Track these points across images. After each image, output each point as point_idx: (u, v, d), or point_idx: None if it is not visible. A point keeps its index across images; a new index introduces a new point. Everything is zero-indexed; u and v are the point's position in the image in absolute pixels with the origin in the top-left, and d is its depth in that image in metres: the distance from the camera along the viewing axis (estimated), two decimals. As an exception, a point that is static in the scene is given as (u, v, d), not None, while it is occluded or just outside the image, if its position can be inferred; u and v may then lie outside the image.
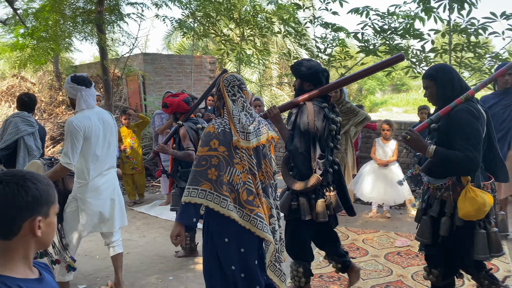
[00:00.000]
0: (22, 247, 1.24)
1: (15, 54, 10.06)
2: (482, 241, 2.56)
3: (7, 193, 1.19)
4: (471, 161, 2.47)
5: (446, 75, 2.70)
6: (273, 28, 8.42)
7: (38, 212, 1.23)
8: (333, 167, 3.29)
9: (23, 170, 1.28)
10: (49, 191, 1.27)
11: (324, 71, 3.26)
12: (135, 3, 7.26)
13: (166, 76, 10.72)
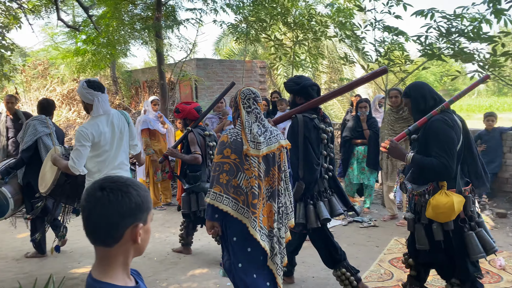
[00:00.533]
0: (122, 254, 1.22)
1: (75, 59, 10.51)
2: (474, 242, 2.74)
3: (111, 200, 1.17)
4: (445, 167, 2.71)
5: (418, 91, 3.02)
6: (327, 32, 8.27)
7: (139, 219, 1.21)
8: (328, 173, 3.56)
9: (123, 177, 1.26)
10: (148, 197, 1.25)
11: (314, 85, 3.55)
12: (193, 9, 7.38)
13: (217, 81, 10.82)
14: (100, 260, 1.22)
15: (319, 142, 3.45)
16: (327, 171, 3.54)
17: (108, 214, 1.17)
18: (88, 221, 1.20)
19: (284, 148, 2.91)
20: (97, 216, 1.18)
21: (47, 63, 13.15)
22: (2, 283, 4.01)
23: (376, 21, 6.34)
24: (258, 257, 2.82)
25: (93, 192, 1.19)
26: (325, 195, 3.49)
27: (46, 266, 4.47)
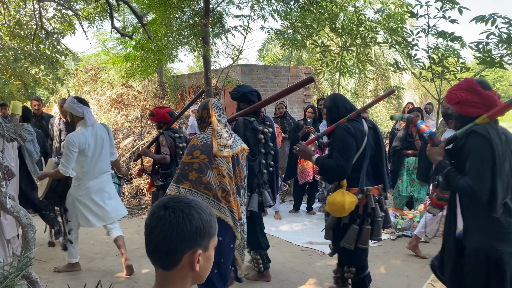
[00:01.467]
0: (180, 280, 1.16)
1: (125, 64, 10.82)
2: (351, 234, 3.23)
3: (171, 221, 1.12)
4: (339, 169, 3.15)
5: (332, 102, 3.48)
6: (376, 38, 8.03)
7: (199, 245, 1.14)
8: (268, 169, 4.00)
9: (189, 197, 1.19)
10: (211, 222, 1.18)
11: (253, 91, 4.05)
12: (241, 16, 7.39)
13: (262, 86, 10.79)
14: (158, 284, 1.17)
15: (256, 141, 3.90)
16: (267, 166, 4.00)
17: (168, 235, 1.12)
18: (149, 240, 1.15)
19: (244, 150, 3.31)
20: (157, 236, 1.13)
21: (98, 68, 13.64)
22: (52, 284, 4.11)
23: (429, 27, 6.06)
24: (229, 245, 3.15)
25: (157, 210, 1.15)
26: (263, 187, 3.95)
27: (93, 269, 4.55)
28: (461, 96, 2.51)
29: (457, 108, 2.56)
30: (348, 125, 3.22)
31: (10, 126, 3.28)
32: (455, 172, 2.44)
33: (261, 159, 3.92)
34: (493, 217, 2.34)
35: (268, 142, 3.99)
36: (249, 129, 3.87)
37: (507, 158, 2.35)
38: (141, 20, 3.11)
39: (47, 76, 11.24)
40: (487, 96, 2.45)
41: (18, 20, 9.98)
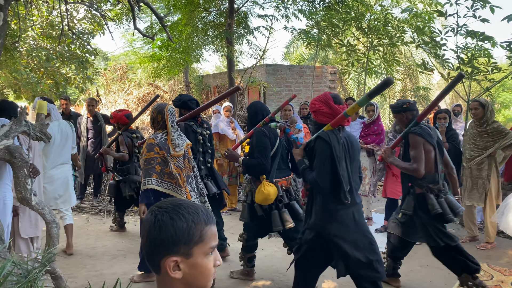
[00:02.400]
0: (170, 285, 1.14)
1: (151, 64, 10.99)
2: (276, 218, 3.84)
3: (149, 227, 1.13)
4: (260, 166, 3.82)
5: (251, 109, 4.17)
6: (403, 37, 7.85)
7: (174, 252, 1.10)
8: (206, 164, 4.64)
9: (176, 201, 1.17)
10: (192, 229, 1.11)
11: (192, 100, 4.66)
12: (264, 16, 7.37)
13: (286, 86, 10.74)
14: (157, 286, 1.18)
15: (195, 142, 4.49)
16: (205, 162, 4.64)
17: (145, 240, 1.13)
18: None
19: (188, 146, 3.98)
20: (142, 239, 1.17)
21: (126, 68, 13.90)
22: (75, 279, 4.21)
23: (459, 26, 5.87)
24: None
25: (148, 213, 1.16)
26: (206, 179, 4.55)
27: (116, 266, 4.63)
28: (317, 106, 3.17)
29: (314, 116, 3.25)
30: (263, 128, 3.92)
31: (36, 125, 3.37)
32: (308, 169, 3.18)
33: (199, 157, 4.58)
34: (327, 205, 3.11)
35: (206, 142, 4.66)
36: (189, 132, 4.45)
37: (343, 158, 3.06)
38: (161, 21, 3.14)
39: (77, 75, 11.54)
40: (336, 109, 3.10)
41: (50, 21, 10.28)
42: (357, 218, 3.16)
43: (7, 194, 3.46)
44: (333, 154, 2.99)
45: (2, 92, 12.72)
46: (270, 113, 4.06)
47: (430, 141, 3.61)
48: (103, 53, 20.17)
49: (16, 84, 10.37)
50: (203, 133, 4.63)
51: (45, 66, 10.60)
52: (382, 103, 13.32)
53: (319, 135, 3.09)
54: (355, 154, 3.21)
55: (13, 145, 3.05)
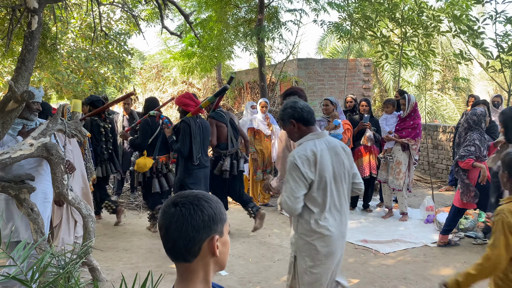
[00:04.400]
0: (202, 269, 1.20)
1: (184, 62, 11.19)
2: (154, 183, 5.36)
3: (184, 215, 1.16)
4: (139, 145, 5.33)
5: (146, 103, 5.81)
6: (439, 27, 7.58)
7: (215, 231, 1.19)
8: (108, 150, 5.81)
9: (195, 191, 1.24)
10: (221, 209, 1.23)
11: (98, 100, 5.66)
12: (293, 10, 7.32)
13: (318, 80, 10.62)
14: (181, 276, 1.21)
15: (99, 133, 5.60)
16: (107, 149, 5.74)
17: (184, 229, 1.16)
18: (166, 239, 1.19)
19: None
20: (173, 233, 1.17)
21: (161, 66, 14.19)
22: (112, 272, 4.37)
23: (497, 13, 5.60)
24: None
25: (167, 209, 1.19)
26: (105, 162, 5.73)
27: (150, 259, 4.77)
28: (186, 101, 4.90)
29: (183, 107, 4.89)
30: (148, 119, 5.35)
31: (71, 123, 3.52)
32: (174, 142, 4.81)
33: (102, 145, 5.68)
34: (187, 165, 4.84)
35: (108, 133, 5.75)
36: (93, 125, 5.58)
37: (198, 135, 4.78)
38: (187, 19, 3.20)
39: (115, 75, 11.92)
40: (197, 102, 4.95)
41: (88, 23, 10.66)
42: (206, 177, 5.01)
43: (48, 190, 3.63)
44: (191, 132, 4.67)
45: (46, 93, 13.31)
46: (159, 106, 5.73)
47: (222, 121, 5.36)
48: (139, 53, 20.68)
49: (58, 85, 10.85)
50: (105, 126, 5.76)
51: (85, 66, 11.02)
52: (419, 96, 12.93)
53: (183, 119, 4.75)
54: (207, 134, 4.97)
55: (50, 143, 3.20)
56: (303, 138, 2.72)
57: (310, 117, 2.71)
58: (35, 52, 2.72)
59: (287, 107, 2.76)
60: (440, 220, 5.53)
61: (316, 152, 2.60)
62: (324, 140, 2.70)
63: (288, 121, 2.74)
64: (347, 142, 6.25)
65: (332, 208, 2.68)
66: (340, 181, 2.70)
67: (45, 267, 2.38)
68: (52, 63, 8.44)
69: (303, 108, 2.70)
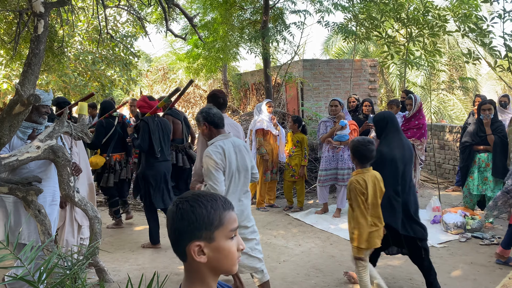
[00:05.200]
0: (196, 271, 1.21)
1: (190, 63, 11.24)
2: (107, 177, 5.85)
3: (172, 216, 1.20)
4: (93, 143, 5.65)
5: (102, 104, 6.06)
6: (445, 27, 7.54)
7: (197, 237, 1.17)
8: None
9: (196, 192, 1.24)
10: (211, 214, 1.18)
11: (65, 101, 5.64)
12: (298, 11, 7.32)
13: (324, 81, 10.61)
14: (185, 274, 1.25)
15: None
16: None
17: (169, 230, 1.20)
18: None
19: None
20: (167, 229, 1.23)
21: (167, 68, 14.26)
22: (119, 273, 4.40)
23: (506, 12, 5.57)
24: None
25: (171, 205, 1.24)
26: None
27: (157, 260, 4.80)
28: (140, 104, 5.32)
29: (140, 110, 5.33)
30: (103, 120, 5.80)
31: (78, 125, 3.56)
32: (136, 138, 5.12)
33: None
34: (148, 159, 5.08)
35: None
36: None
37: (157, 132, 5.10)
38: (191, 21, 3.22)
39: (121, 77, 12.00)
40: (151, 104, 5.28)
41: (95, 26, 10.74)
42: (168, 170, 5.28)
43: (56, 192, 3.66)
44: (149, 129, 5.03)
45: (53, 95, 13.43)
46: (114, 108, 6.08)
47: (178, 118, 6.00)
48: (145, 55, 20.79)
49: (65, 88, 10.93)
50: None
51: (92, 69, 11.10)
52: (426, 96, 12.86)
53: (142, 118, 5.15)
54: (167, 130, 5.31)
55: (56, 145, 3.23)
56: (214, 138, 3.37)
57: (220, 122, 3.38)
58: (41, 56, 2.75)
59: (202, 112, 3.40)
60: (446, 221, 5.50)
61: (224, 149, 3.29)
62: (230, 140, 3.39)
63: (203, 123, 3.37)
64: None
65: (234, 192, 3.40)
66: (242, 172, 3.42)
67: (52, 268, 2.40)
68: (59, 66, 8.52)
69: (215, 115, 3.35)
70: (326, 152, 6.32)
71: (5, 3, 5.57)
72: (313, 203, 7.20)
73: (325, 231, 5.77)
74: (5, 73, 9.03)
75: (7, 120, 2.60)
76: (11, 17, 6.47)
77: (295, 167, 6.60)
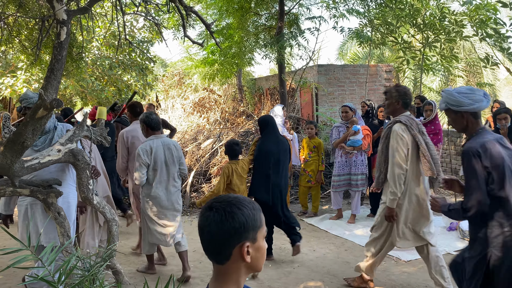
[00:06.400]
0: (234, 272, 1.25)
1: (206, 69, 11.33)
2: None
3: (216, 220, 1.22)
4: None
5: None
6: (462, 32, 7.48)
7: (246, 238, 1.23)
8: None
9: (231, 196, 1.29)
10: (255, 215, 1.25)
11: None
12: (313, 17, 7.34)
13: (339, 86, 10.60)
14: (215, 276, 1.28)
15: None
16: None
17: (216, 233, 1.22)
18: (202, 239, 1.26)
19: None
20: (207, 235, 1.24)
21: (183, 73, 14.40)
22: (135, 275, 4.45)
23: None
24: None
25: (205, 211, 1.26)
26: None
27: (172, 263, 4.84)
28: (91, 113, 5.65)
29: (89, 118, 5.48)
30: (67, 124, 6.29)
31: (97, 129, 3.63)
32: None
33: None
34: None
35: None
36: None
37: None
38: (209, 28, 3.27)
39: (138, 82, 12.15)
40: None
41: (112, 32, 10.92)
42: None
43: (70, 194, 3.73)
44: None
45: (71, 99, 13.66)
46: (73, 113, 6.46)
47: (126, 125, 5.96)
48: (161, 60, 21.01)
49: (82, 92, 11.12)
50: None
51: (109, 74, 11.28)
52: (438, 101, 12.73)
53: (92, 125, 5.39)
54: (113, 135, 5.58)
55: (76, 149, 3.31)
56: (148, 138, 4.31)
57: (156, 125, 4.30)
58: (63, 61, 2.83)
59: (143, 116, 4.36)
60: (463, 228, 5.43)
61: (153, 146, 4.22)
62: (160, 140, 4.31)
63: (142, 125, 4.32)
64: (367, 147, 6.25)
65: (161, 182, 4.27)
66: (169, 165, 4.29)
67: (71, 270, 2.46)
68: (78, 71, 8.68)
69: (152, 119, 4.29)
70: (339, 157, 6.31)
71: (27, 10, 5.71)
72: (328, 209, 7.18)
73: (339, 236, 5.75)
74: (25, 77, 9.23)
75: (30, 124, 2.68)
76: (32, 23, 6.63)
77: (311, 172, 6.60)
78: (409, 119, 3.68)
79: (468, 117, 2.68)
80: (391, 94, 3.77)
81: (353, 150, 6.15)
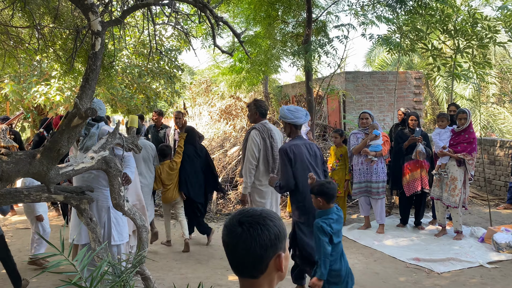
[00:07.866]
0: (268, 284, 1.25)
1: (233, 76, 11.42)
2: None
3: (252, 235, 1.20)
4: None
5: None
6: (496, 38, 7.27)
7: (280, 248, 1.23)
8: None
9: (257, 209, 1.27)
10: (282, 225, 1.26)
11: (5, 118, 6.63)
12: (341, 25, 7.29)
13: (367, 93, 10.48)
14: None
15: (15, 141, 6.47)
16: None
17: (252, 249, 1.20)
18: (233, 256, 1.23)
19: None
20: (241, 251, 1.21)
21: (210, 81, 14.55)
22: (163, 281, 4.50)
23: None
24: None
25: (233, 228, 1.23)
26: None
27: (199, 270, 4.87)
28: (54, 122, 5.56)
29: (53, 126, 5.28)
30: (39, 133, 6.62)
31: (129, 137, 3.70)
32: None
33: None
34: None
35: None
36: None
37: None
38: (239, 37, 3.29)
39: (166, 90, 12.36)
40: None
41: (141, 40, 11.17)
42: None
43: (99, 197, 3.81)
44: None
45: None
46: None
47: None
48: (189, 68, 21.31)
49: (112, 100, 11.38)
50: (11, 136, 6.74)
51: (138, 82, 11.52)
52: (474, 109, 12.39)
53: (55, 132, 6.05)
54: None
55: (109, 156, 3.38)
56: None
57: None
58: (98, 71, 2.91)
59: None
60: (498, 241, 5.25)
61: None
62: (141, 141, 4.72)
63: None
64: (386, 153, 6.20)
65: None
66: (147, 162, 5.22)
67: (102, 275, 2.50)
68: (108, 79, 8.91)
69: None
70: (360, 164, 6.23)
71: (61, 21, 5.91)
72: (356, 218, 7.07)
73: (368, 247, 5.65)
74: (58, 85, 9.52)
75: (66, 132, 2.76)
76: (66, 33, 6.85)
77: (338, 181, 6.52)
78: (262, 126, 4.66)
79: (291, 127, 4.05)
80: (251, 108, 4.77)
81: (375, 156, 6.08)
